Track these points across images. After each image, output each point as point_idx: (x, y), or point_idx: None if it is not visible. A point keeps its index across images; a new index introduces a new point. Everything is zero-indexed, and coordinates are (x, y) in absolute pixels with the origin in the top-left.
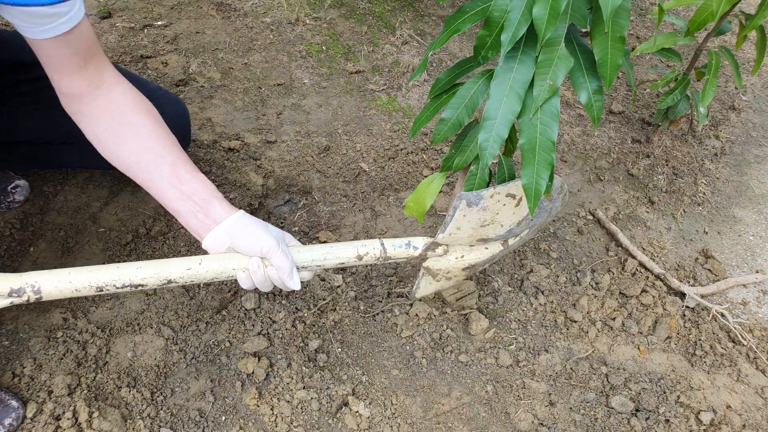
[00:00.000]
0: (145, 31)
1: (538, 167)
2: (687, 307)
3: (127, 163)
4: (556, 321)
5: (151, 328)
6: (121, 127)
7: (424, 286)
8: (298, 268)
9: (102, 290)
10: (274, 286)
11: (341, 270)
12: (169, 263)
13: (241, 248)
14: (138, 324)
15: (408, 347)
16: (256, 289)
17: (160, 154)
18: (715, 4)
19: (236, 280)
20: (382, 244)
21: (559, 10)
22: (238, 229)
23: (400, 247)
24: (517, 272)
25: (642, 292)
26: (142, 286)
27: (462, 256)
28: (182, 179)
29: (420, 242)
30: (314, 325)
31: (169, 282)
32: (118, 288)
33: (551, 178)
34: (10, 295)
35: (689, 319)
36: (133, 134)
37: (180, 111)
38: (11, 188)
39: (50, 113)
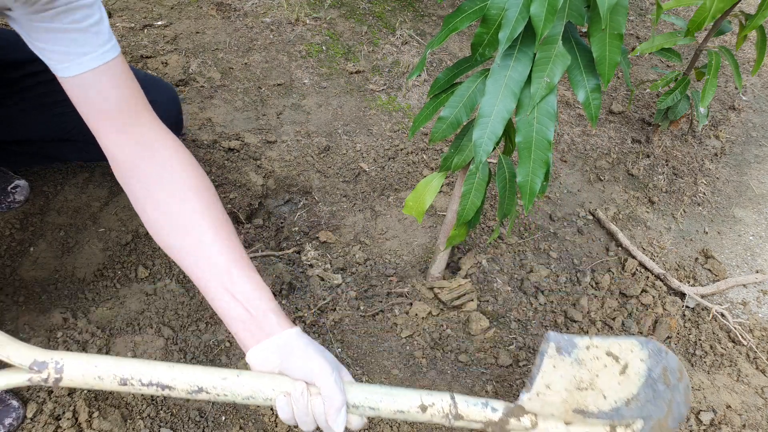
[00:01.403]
0: (145, 31)
1: (533, 165)
2: (687, 307)
3: (176, 251)
4: (556, 321)
5: (151, 328)
6: (172, 208)
7: None
8: (348, 407)
9: (126, 383)
10: (316, 424)
11: (341, 270)
12: (205, 370)
13: (291, 369)
14: (138, 324)
15: (408, 347)
16: (295, 425)
17: (216, 249)
18: (708, 3)
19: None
20: (453, 398)
21: (556, 7)
22: (293, 346)
23: (475, 406)
24: (517, 272)
25: (642, 292)
26: (169, 388)
27: None
28: (234, 281)
29: (500, 405)
30: (314, 325)
31: (200, 390)
32: (144, 384)
33: (547, 177)
34: (30, 368)
35: (689, 319)
36: (186, 219)
37: (171, 97)
38: (11, 188)
39: (47, 111)
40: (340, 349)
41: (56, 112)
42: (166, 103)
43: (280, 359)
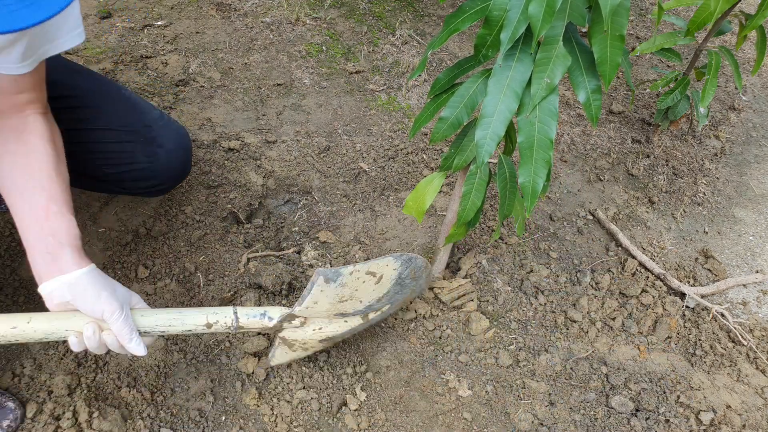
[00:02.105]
0: (145, 31)
1: (535, 165)
2: (687, 307)
3: (5, 190)
4: (556, 321)
5: None
6: (17, 145)
7: (280, 355)
8: (141, 333)
9: None
10: (112, 350)
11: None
12: None
13: (83, 307)
14: None
15: (408, 347)
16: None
17: (42, 185)
18: (713, 4)
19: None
20: (236, 313)
21: (554, 8)
22: (83, 287)
23: (254, 317)
24: (517, 272)
25: (642, 292)
26: None
27: (320, 329)
28: (50, 215)
29: (276, 313)
30: None
31: None
32: None
33: (548, 177)
34: None
35: (689, 319)
36: (23, 153)
37: (181, 143)
38: None
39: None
40: (340, 349)
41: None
42: (172, 150)
43: (72, 295)
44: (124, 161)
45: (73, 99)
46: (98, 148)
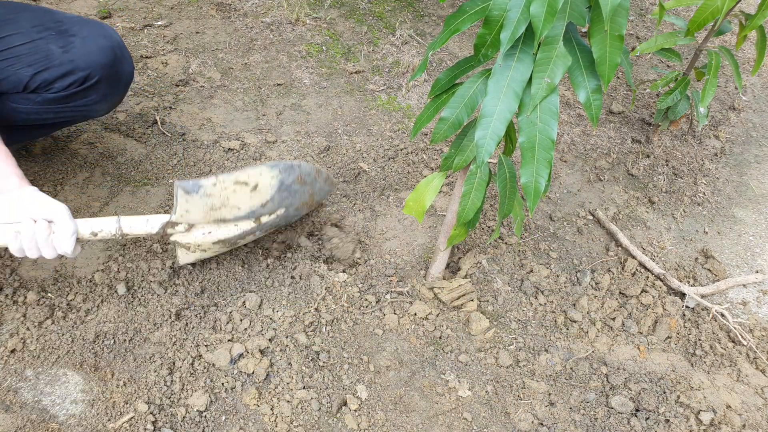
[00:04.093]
0: (145, 31)
1: (537, 165)
2: (687, 307)
3: None
4: (556, 321)
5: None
6: None
7: (183, 256)
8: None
9: None
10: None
11: (342, 271)
12: None
13: (33, 212)
14: None
15: (407, 347)
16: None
17: None
18: (720, 1)
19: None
20: (119, 222)
21: (556, 8)
22: (35, 195)
23: (137, 225)
24: (517, 272)
25: (642, 292)
26: None
27: (209, 233)
28: None
29: (157, 221)
30: (314, 325)
31: None
32: None
33: (550, 177)
34: None
35: (689, 319)
36: None
37: (99, 32)
38: None
39: None
40: (340, 349)
41: None
42: (91, 37)
43: (25, 201)
44: (39, 59)
45: None
46: (12, 53)
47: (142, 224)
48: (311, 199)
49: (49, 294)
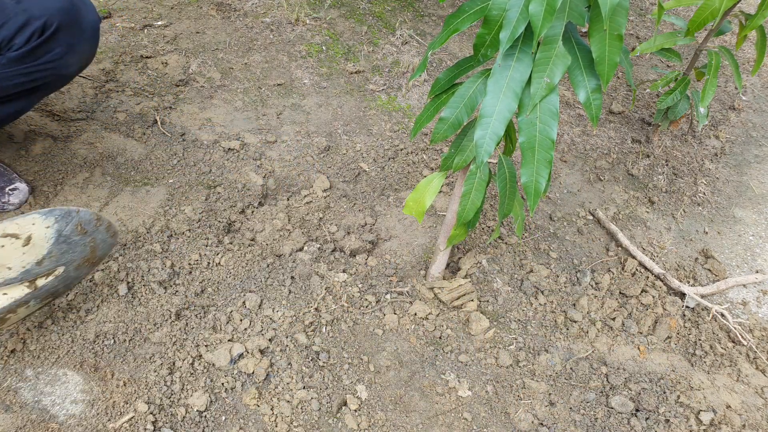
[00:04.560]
0: (145, 31)
1: (537, 165)
2: (687, 307)
3: None
4: (556, 321)
5: None
6: None
7: None
8: None
9: None
10: None
11: (342, 271)
12: None
13: None
14: None
15: (407, 347)
16: None
17: None
18: (719, 1)
19: None
20: None
21: (555, 7)
22: None
23: None
24: (517, 272)
25: (642, 292)
26: None
27: None
28: None
29: None
30: (314, 324)
31: None
32: None
33: (550, 177)
34: None
35: (689, 319)
36: None
37: None
38: (9, 189)
39: None
40: (340, 349)
41: None
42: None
43: None
44: None
45: None
46: None
47: None
48: (93, 254)
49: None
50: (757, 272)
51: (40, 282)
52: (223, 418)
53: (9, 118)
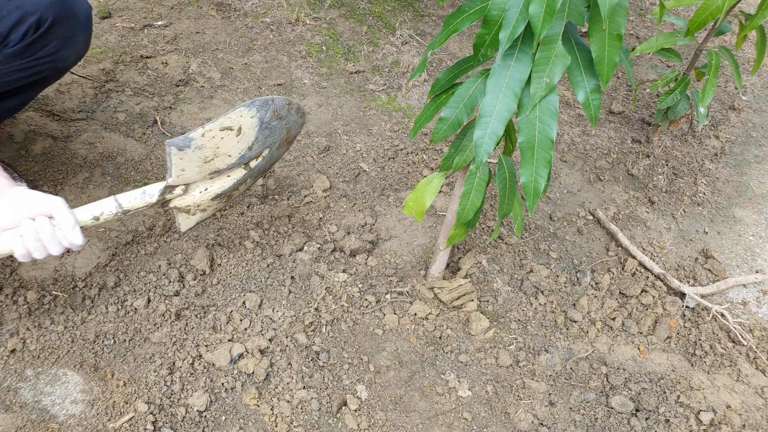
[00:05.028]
0: (145, 31)
1: (537, 165)
2: (687, 307)
3: None
4: (556, 321)
5: None
6: None
7: (184, 222)
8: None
9: None
10: (56, 249)
11: (342, 271)
12: None
13: (30, 209)
14: None
15: (407, 347)
16: (33, 258)
17: None
18: (719, 1)
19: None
20: (117, 200)
21: (555, 8)
22: (28, 193)
23: (135, 199)
24: (517, 272)
25: (642, 292)
26: None
27: (206, 189)
28: None
29: (155, 189)
30: (314, 324)
31: None
32: None
33: (550, 177)
34: None
35: (689, 319)
36: None
37: None
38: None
39: None
40: (340, 349)
41: None
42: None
43: (20, 200)
44: None
45: None
46: None
47: (140, 197)
48: (288, 134)
49: (55, 291)
50: (757, 272)
51: (253, 164)
52: (223, 418)
53: (7, 114)
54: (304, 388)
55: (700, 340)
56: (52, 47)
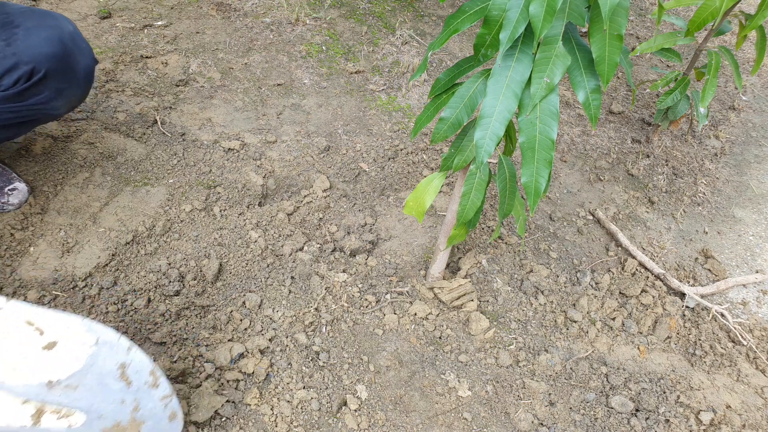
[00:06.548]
0: (145, 31)
1: (537, 165)
2: (687, 307)
3: None
4: (556, 321)
5: None
6: None
7: None
8: None
9: None
10: None
11: (342, 271)
12: None
13: None
14: None
15: (407, 347)
16: None
17: None
18: (719, 1)
19: None
20: None
21: (555, 8)
22: None
23: None
24: (517, 272)
25: (642, 292)
26: None
27: None
28: None
29: None
30: (314, 324)
31: None
32: None
33: (550, 177)
34: None
35: (689, 319)
36: None
37: (45, 22)
38: (9, 189)
39: None
40: (340, 349)
41: None
42: (35, 28)
43: None
44: None
45: None
46: None
47: None
48: (132, 425)
49: (55, 291)
50: (757, 272)
51: (46, 417)
52: (223, 418)
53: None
54: (304, 388)
55: (700, 340)
56: (43, 97)
